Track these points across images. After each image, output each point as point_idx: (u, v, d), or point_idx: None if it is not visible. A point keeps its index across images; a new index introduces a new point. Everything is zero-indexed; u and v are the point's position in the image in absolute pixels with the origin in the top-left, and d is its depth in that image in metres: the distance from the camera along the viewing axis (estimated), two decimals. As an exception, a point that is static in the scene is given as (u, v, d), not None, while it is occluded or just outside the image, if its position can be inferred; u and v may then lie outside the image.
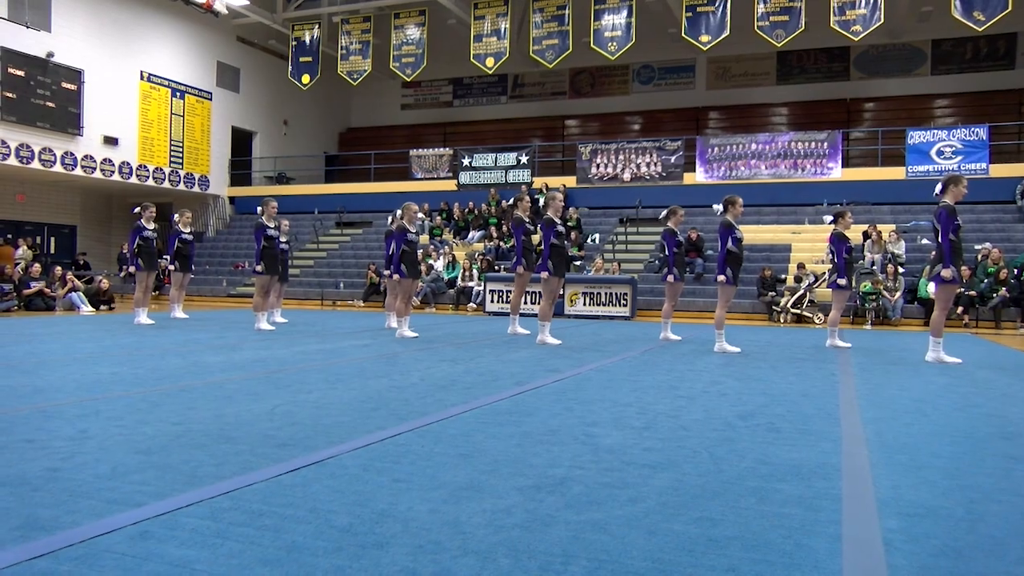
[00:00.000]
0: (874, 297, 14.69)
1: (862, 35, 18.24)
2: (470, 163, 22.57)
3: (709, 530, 2.32)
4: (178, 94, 22.98)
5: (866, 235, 16.61)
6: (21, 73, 18.28)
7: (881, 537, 2.28)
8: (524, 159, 22.12)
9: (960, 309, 14.34)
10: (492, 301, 16.35)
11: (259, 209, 10.77)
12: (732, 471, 3.06)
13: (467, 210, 21.12)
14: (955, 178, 7.53)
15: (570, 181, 21.51)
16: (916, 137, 18.73)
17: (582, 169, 21.44)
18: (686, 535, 2.27)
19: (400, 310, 9.68)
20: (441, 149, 23.98)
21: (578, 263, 17.88)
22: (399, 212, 10.00)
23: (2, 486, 2.68)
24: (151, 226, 11.54)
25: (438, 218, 21.40)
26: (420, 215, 9.60)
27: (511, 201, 11.28)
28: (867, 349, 9.42)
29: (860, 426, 4.11)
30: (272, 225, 10.66)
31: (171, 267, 12.46)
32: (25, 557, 2.00)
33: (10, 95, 18.04)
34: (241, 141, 25.82)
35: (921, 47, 23.39)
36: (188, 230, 12.59)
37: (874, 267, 15.58)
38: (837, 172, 19.36)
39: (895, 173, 19.02)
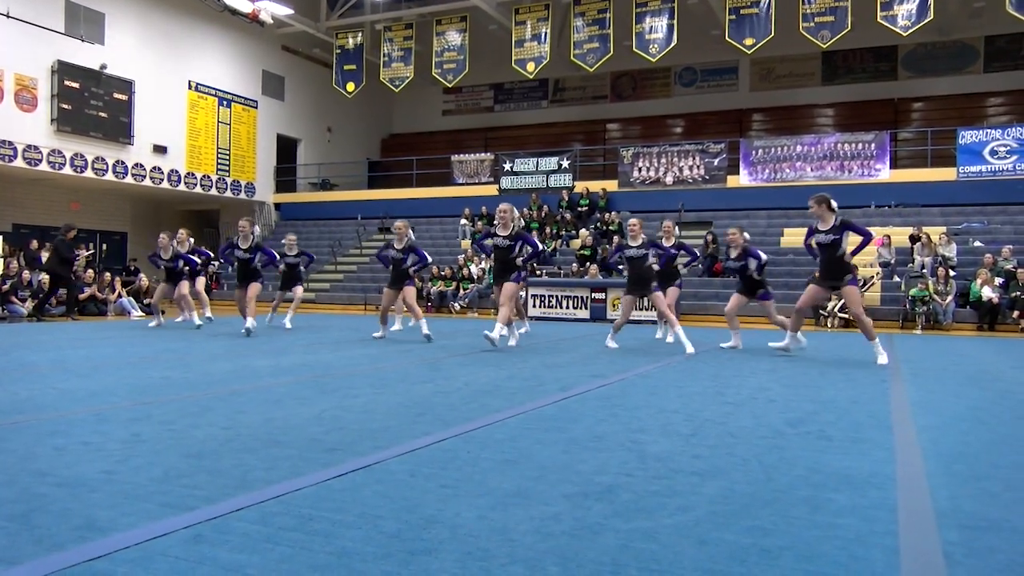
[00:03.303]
0: (924, 301, 14.34)
1: (911, 30, 17.85)
2: (511, 168, 22.60)
3: (761, 540, 2.28)
4: (225, 103, 23.42)
5: (915, 238, 16.25)
6: (76, 85, 18.80)
7: (941, 550, 2.22)
8: (565, 163, 22.09)
9: (1016, 313, 13.95)
10: (534, 305, 16.33)
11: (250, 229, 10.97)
12: (783, 480, 3.00)
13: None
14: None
15: (612, 185, 21.41)
16: (968, 137, 18.27)
17: (624, 173, 21.32)
18: (738, 545, 2.24)
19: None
20: (482, 154, 24.04)
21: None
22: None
23: (63, 487, 2.75)
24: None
25: (479, 223, 21.46)
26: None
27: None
28: (918, 354, 9.21)
29: (914, 434, 4.01)
30: (244, 246, 10.73)
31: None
32: (83, 558, 2.05)
33: (66, 106, 18.56)
34: (286, 148, 26.22)
35: (973, 44, 22.82)
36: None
37: (924, 270, 15.22)
38: (885, 173, 18.98)
39: (945, 174, 18.57)
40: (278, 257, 11.82)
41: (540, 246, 9.44)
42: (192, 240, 13.36)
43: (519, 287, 9.72)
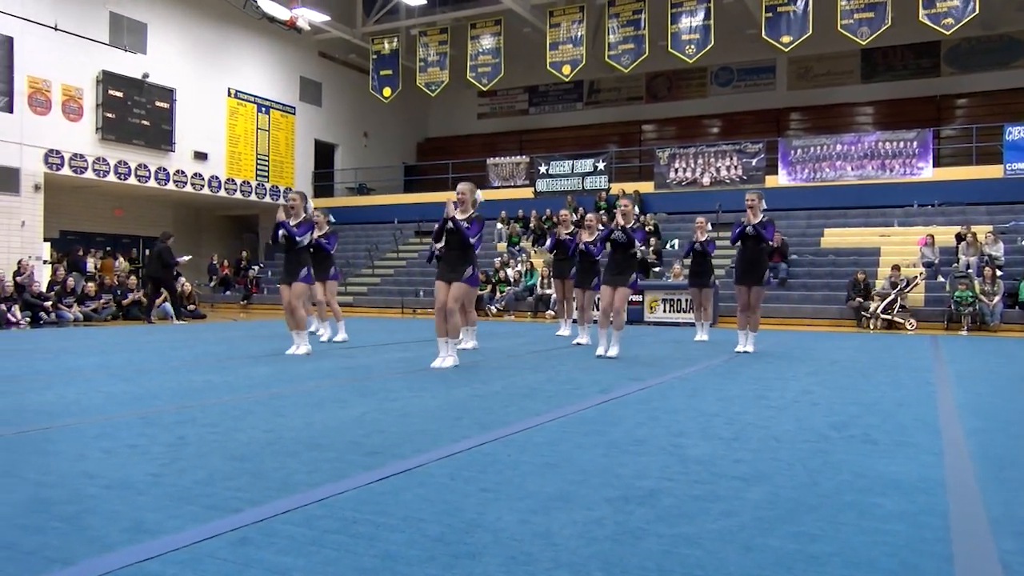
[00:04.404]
0: (970, 302, 14.02)
1: (954, 28, 17.47)
2: (547, 170, 22.59)
3: (807, 546, 2.24)
4: (263, 109, 23.74)
5: (960, 237, 15.90)
6: (119, 94, 19.20)
7: (997, 559, 2.16)
8: (601, 165, 22.02)
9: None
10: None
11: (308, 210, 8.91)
12: (828, 484, 2.95)
13: (544, 217, 21.13)
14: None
15: (647, 186, 21.30)
16: (1015, 133, 17.83)
17: (660, 174, 21.19)
18: (783, 551, 2.20)
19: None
20: (518, 157, 24.07)
21: (657, 269, 17.68)
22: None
23: (111, 489, 2.80)
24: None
25: (515, 226, 21.47)
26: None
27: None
28: (965, 356, 9.01)
29: (962, 438, 3.93)
30: (293, 223, 8.31)
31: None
32: (135, 559, 2.08)
33: (110, 115, 18.96)
34: (323, 153, 26.49)
35: (1020, 38, 22.26)
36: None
37: (969, 270, 14.89)
38: (928, 172, 18.61)
39: (991, 172, 18.15)
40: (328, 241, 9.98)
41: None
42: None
43: (475, 290, 8.59)
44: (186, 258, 16.77)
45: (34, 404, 4.79)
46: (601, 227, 9.53)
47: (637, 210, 8.88)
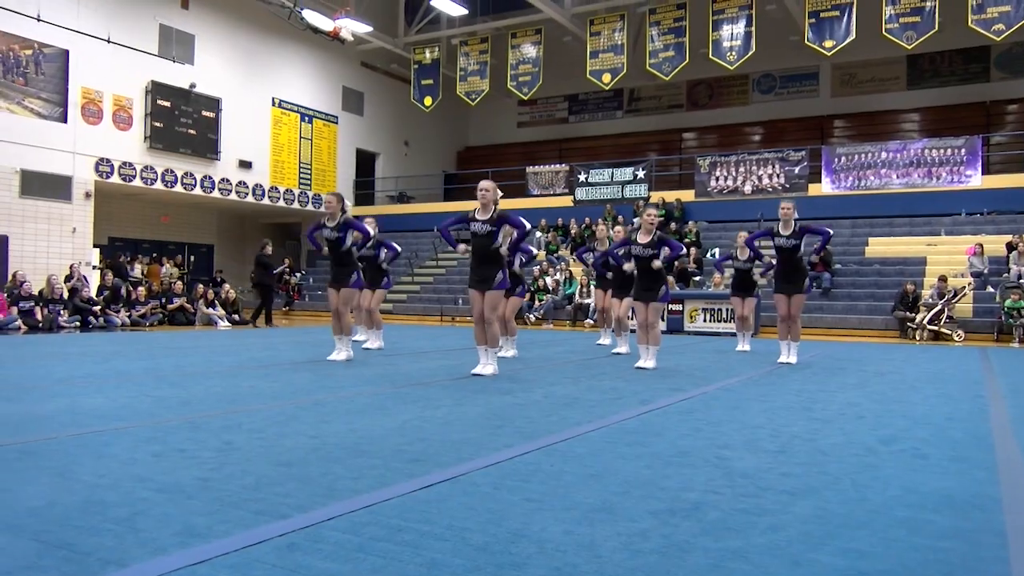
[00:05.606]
0: (1022, 313, 13.66)
1: (1005, 34, 17.07)
2: (586, 179, 22.55)
3: (858, 562, 2.20)
4: (306, 119, 24.08)
5: (1011, 246, 15.50)
6: (167, 104, 19.64)
7: (1056, 579, 2.10)
8: (641, 174, 21.91)
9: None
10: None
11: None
12: (878, 499, 2.90)
13: (583, 226, 21.10)
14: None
15: (688, 195, 21.14)
16: (1068, 140, 17.36)
17: (701, 182, 21.03)
18: (833, 567, 2.17)
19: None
20: (557, 165, 24.07)
21: (697, 278, 17.53)
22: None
23: (162, 492, 2.85)
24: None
25: (553, 234, 21.47)
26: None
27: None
28: (1017, 369, 8.77)
29: (1018, 453, 3.83)
30: (331, 225, 8.19)
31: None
32: (187, 563, 2.12)
33: (158, 124, 19.40)
34: (365, 162, 26.79)
35: (1073, 43, 21.70)
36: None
37: (1021, 280, 14.50)
38: (977, 180, 18.19)
39: (1044, 179, 17.70)
40: (372, 233, 9.27)
41: (527, 226, 7.15)
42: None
43: (518, 302, 9.14)
44: (287, 263, 17.51)
45: (87, 407, 4.90)
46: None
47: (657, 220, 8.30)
